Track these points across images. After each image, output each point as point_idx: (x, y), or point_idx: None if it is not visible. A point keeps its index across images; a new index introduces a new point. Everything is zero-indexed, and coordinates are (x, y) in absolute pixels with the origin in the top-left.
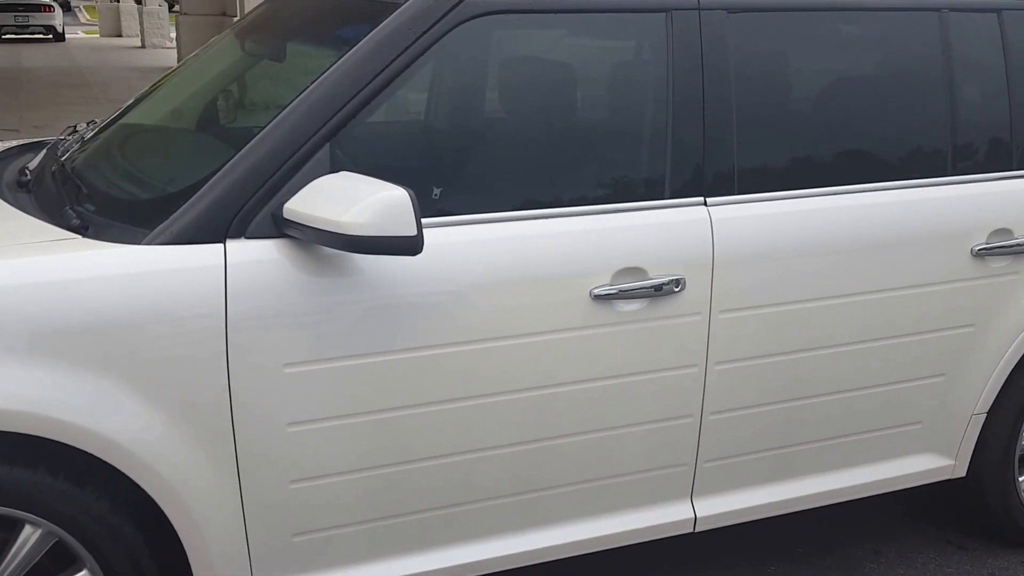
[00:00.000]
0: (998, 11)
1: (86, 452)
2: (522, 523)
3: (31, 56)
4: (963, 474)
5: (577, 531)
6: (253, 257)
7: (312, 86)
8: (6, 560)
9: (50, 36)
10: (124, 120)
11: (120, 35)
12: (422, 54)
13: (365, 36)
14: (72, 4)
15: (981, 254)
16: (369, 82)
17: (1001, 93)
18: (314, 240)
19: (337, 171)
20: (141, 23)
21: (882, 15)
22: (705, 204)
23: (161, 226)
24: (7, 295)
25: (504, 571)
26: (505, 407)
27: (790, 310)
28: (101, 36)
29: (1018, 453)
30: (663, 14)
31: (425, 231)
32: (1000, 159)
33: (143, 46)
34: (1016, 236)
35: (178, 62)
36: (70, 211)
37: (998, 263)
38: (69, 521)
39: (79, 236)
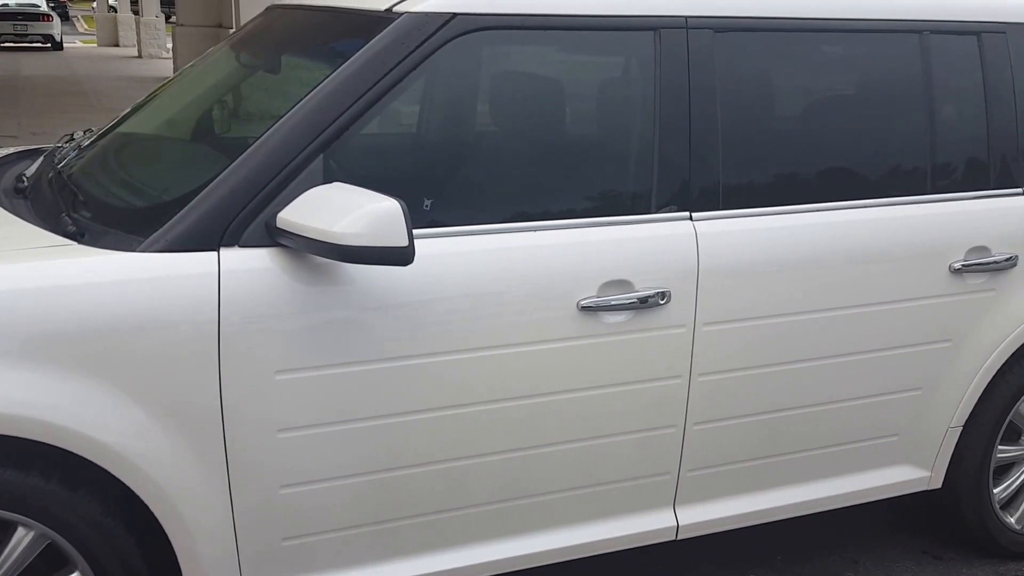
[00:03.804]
0: (977, 34)
1: (79, 456)
2: (508, 530)
3: (29, 64)
4: (939, 485)
5: (562, 538)
6: (246, 265)
7: (306, 98)
8: None
9: (48, 45)
10: (121, 129)
11: (117, 45)
12: (414, 68)
13: (359, 50)
14: (70, 14)
15: (959, 271)
16: (362, 95)
17: (979, 113)
18: (307, 249)
19: (330, 182)
20: (138, 33)
21: (864, 36)
22: (691, 219)
23: (156, 234)
24: (2, 299)
25: None
26: (493, 416)
27: (772, 323)
28: (98, 46)
29: (993, 466)
30: (651, 32)
31: (416, 242)
32: (978, 178)
33: (140, 56)
34: (993, 254)
35: (174, 72)
36: (66, 218)
37: (975, 280)
38: (62, 524)
39: (75, 243)
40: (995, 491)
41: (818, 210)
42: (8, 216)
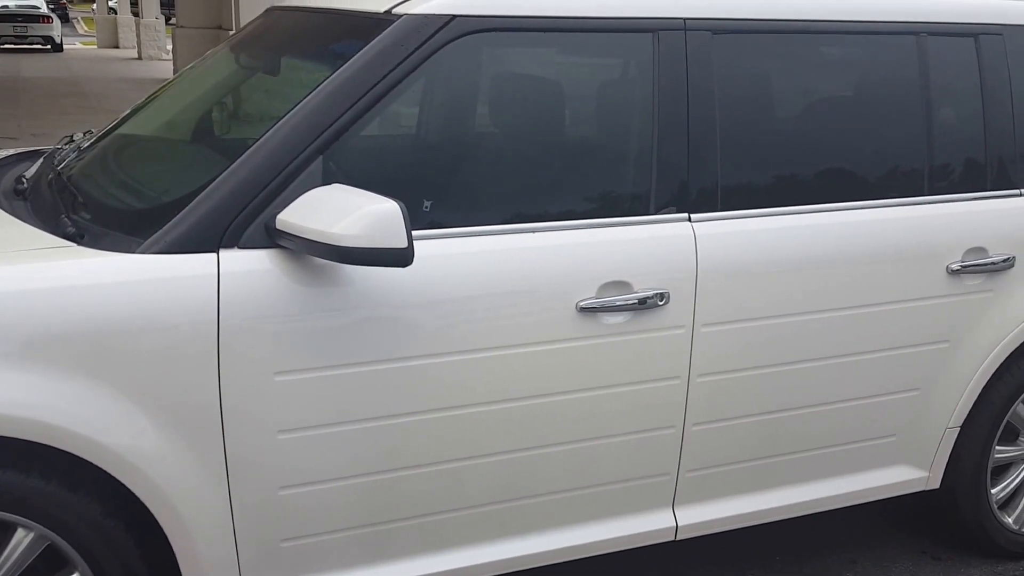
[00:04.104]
0: (975, 36)
1: (78, 457)
2: (508, 530)
3: (29, 66)
4: (937, 486)
5: (562, 538)
6: (246, 267)
7: (305, 100)
8: None
9: (48, 47)
10: (120, 130)
11: (117, 46)
12: (414, 70)
13: (358, 51)
14: (70, 16)
15: (956, 272)
16: (361, 96)
17: (976, 115)
18: (306, 251)
19: (329, 183)
20: (138, 35)
21: (861, 38)
22: (689, 220)
23: (156, 235)
24: (2, 301)
25: None
26: (492, 417)
27: (771, 324)
28: (98, 47)
29: (991, 466)
30: (649, 34)
31: (416, 243)
32: (975, 180)
33: (140, 58)
34: (990, 255)
35: (174, 74)
36: (66, 219)
37: (972, 281)
38: (61, 525)
39: (74, 244)
40: (993, 491)
41: (816, 211)
42: (8, 218)
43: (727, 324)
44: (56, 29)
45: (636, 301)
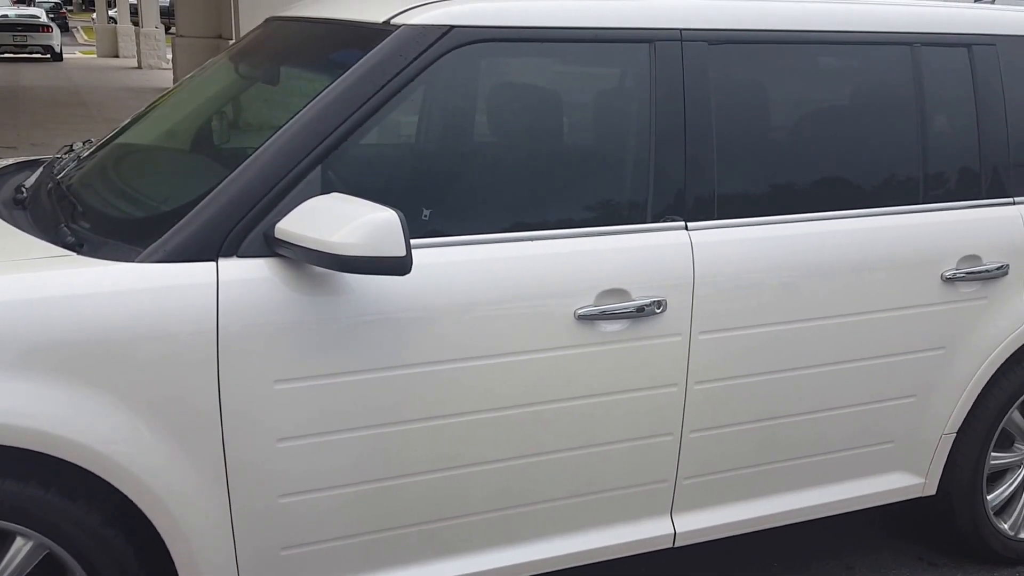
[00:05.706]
0: (968, 46)
1: (77, 465)
2: (507, 537)
3: (29, 75)
4: (933, 492)
5: (560, 546)
6: (245, 275)
7: (304, 109)
8: None
9: (48, 56)
10: (120, 140)
11: (117, 56)
12: (412, 80)
13: (357, 61)
14: (70, 24)
15: (951, 279)
16: (360, 106)
17: (970, 124)
18: (305, 259)
19: (328, 192)
20: (138, 44)
21: (856, 49)
22: (686, 228)
23: (155, 244)
24: (2, 310)
25: None
26: (491, 424)
27: (767, 332)
28: (98, 56)
29: (987, 472)
30: (646, 45)
31: (414, 252)
32: (970, 188)
33: (140, 67)
34: (984, 262)
35: (174, 83)
36: (65, 229)
37: (967, 288)
38: (60, 533)
39: (74, 253)
40: (989, 497)
41: (812, 219)
42: (7, 227)
43: (724, 331)
44: (56, 38)
45: (634, 309)
